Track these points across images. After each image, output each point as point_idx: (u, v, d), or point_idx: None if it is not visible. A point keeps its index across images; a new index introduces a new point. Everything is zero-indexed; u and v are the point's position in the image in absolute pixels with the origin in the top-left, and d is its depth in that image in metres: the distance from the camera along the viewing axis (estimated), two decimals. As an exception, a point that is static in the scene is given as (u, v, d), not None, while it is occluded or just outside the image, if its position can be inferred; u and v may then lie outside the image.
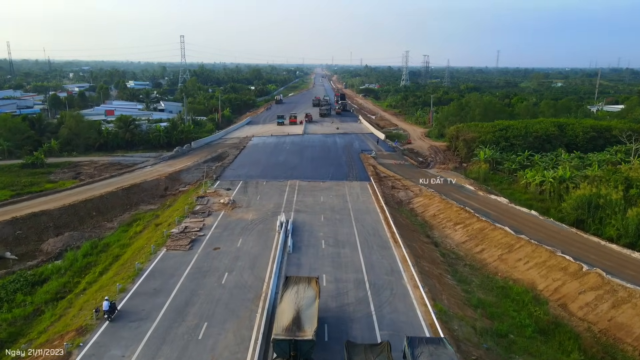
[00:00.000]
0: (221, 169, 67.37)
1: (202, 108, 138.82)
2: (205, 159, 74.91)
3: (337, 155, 77.75)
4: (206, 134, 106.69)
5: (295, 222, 45.37)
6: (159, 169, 68.77)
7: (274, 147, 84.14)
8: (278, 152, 79.07)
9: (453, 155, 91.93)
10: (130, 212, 54.83)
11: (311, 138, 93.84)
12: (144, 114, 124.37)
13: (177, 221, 44.97)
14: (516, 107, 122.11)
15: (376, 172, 67.51)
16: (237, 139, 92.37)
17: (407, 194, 59.01)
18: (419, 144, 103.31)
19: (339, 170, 67.24)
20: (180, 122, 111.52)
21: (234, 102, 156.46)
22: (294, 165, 70.06)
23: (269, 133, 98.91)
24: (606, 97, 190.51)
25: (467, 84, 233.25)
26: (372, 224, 45.64)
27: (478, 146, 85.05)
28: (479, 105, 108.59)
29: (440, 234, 47.82)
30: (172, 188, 61.98)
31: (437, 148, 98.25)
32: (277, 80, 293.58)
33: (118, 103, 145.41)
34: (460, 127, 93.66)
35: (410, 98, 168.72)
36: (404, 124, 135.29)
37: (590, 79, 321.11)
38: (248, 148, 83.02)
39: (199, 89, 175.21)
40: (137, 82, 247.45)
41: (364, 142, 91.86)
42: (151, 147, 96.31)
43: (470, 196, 57.38)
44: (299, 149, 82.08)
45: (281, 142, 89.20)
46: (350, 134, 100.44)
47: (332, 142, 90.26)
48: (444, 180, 65.20)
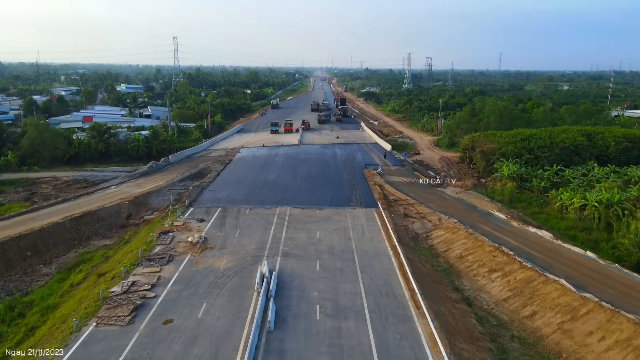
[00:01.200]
0: (198, 190, 55.74)
1: (191, 114, 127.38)
2: (182, 176, 63.31)
3: (337, 172, 66.10)
4: (192, 143, 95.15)
5: (281, 273, 33.78)
6: (124, 189, 57.12)
7: (264, 161, 72.43)
8: (268, 168, 67.37)
9: (468, 168, 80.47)
10: (77, 250, 43.20)
11: (308, 149, 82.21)
12: (126, 121, 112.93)
13: (124, 273, 33.35)
14: (533, 113, 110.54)
15: (384, 193, 55.88)
16: (224, 151, 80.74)
17: (423, 224, 47.36)
18: (428, 154, 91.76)
19: (340, 192, 55.62)
20: (163, 130, 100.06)
21: (226, 107, 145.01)
22: (285, 185, 58.44)
23: (261, 143, 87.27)
24: (618, 100, 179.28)
25: (472, 87, 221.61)
26: (383, 276, 34.02)
27: (498, 159, 73.84)
28: (494, 112, 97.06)
29: (472, 285, 36.17)
30: (137, 216, 50.36)
31: (450, 160, 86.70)
32: (275, 83, 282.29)
33: (101, 108, 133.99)
34: (476, 136, 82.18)
35: (414, 102, 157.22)
36: (409, 130, 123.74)
37: (598, 82, 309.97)
38: (234, 162, 71.33)
39: (190, 93, 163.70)
40: (130, 85, 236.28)
41: (367, 154, 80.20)
42: (129, 159, 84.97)
43: (502, 227, 45.77)
44: (293, 164, 70.42)
45: (273, 154, 77.51)
46: (352, 144, 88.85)
47: (331, 154, 78.62)
48: (465, 203, 53.70)
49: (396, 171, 68.53)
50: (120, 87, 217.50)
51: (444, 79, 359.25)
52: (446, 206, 52.46)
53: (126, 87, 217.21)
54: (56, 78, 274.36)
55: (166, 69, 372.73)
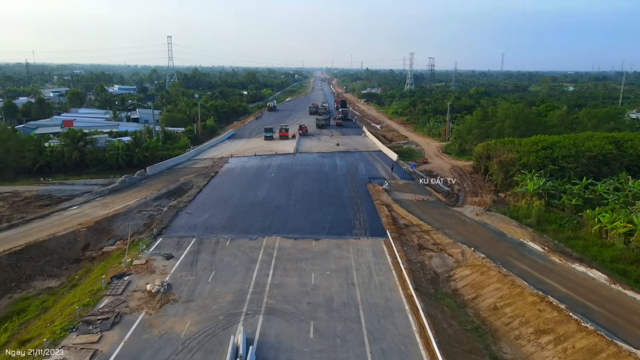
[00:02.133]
0: (173, 212, 46.73)
1: (181, 117, 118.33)
2: (159, 193, 54.29)
3: (338, 187, 57.01)
4: (179, 151, 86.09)
5: (263, 344, 24.79)
6: (87, 211, 48.07)
7: (254, 174, 63.27)
8: (258, 183, 58.24)
9: (484, 180, 71.54)
10: (12, 296, 34.21)
11: (304, 159, 73.14)
12: (109, 125, 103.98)
13: (47, 346, 24.34)
14: (549, 116, 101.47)
15: (392, 216, 46.90)
16: (211, 161, 71.64)
17: (443, 260, 38.34)
18: (437, 163, 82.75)
19: (340, 215, 46.59)
20: (147, 136, 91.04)
21: (220, 109, 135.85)
22: (276, 206, 49.34)
23: (253, 151, 78.14)
24: (629, 102, 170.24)
25: (477, 89, 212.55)
26: (399, 347, 25.05)
27: (519, 170, 65.04)
28: (509, 116, 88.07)
29: (516, 354, 27.17)
30: (95, 246, 41.35)
31: (462, 170, 77.73)
32: (274, 84, 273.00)
33: (85, 111, 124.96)
34: (492, 144, 73.18)
35: (418, 104, 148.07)
36: (414, 135, 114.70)
37: (604, 82, 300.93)
38: (220, 175, 62.21)
39: (182, 95, 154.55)
40: (123, 86, 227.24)
41: (371, 164, 71.12)
42: (107, 170, 76.12)
43: (541, 265, 36.80)
44: (286, 177, 61.34)
45: (265, 165, 68.36)
46: (354, 152, 79.81)
47: (330, 165, 69.54)
48: (489, 229, 44.77)
49: (405, 186, 59.48)
50: (113, 89, 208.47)
51: (446, 79, 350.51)
52: (467, 233, 43.48)
53: (118, 89, 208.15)
54: (49, 79, 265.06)
55: (164, 70, 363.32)
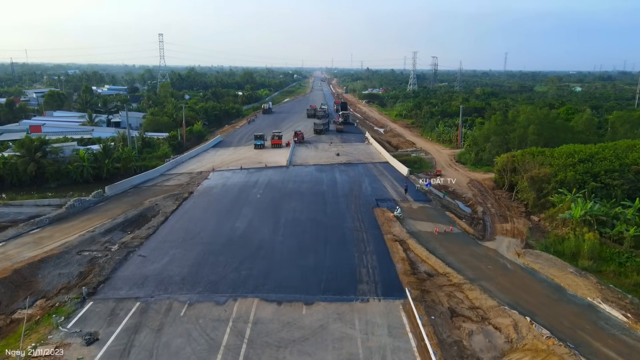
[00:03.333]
0: (122, 254, 35.22)
1: (166, 121, 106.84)
2: (113, 222, 42.77)
3: (338, 214, 45.35)
4: (156, 161, 74.60)
5: None
6: (11, 252, 36.45)
7: (236, 194, 51.48)
8: (240, 209, 46.53)
9: (510, 199, 60.31)
10: None
11: (299, 174, 61.48)
12: (82, 131, 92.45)
13: None
14: (573, 121, 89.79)
15: (410, 259, 35.36)
16: (188, 176, 60.03)
17: (488, 337, 26.73)
18: (452, 175, 71.32)
19: (342, 260, 35.02)
20: (121, 144, 79.53)
21: (210, 112, 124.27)
22: (259, 244, 37.70)
23: (239, 163, 66.50)
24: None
25: (483, 89, 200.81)
26: None
27: (555, 189, 53.95)
28: (533, 121, 76.56)
29: None
30: (7, 308, 29.83)
31: (481, 185, 66.39)
32: (272, 84, 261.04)
33: (61, 114, 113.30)
34: (519, 155, 61.70)
35: (424, 106, 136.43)
36: (422, 141, 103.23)
37: (614, 82, 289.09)
38: (195, 197, 50.52)
39: (171, 96, 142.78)
40: (114, 86, 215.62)
41: (377, 180, 59.46)
42: (71, 184, 65.26)
43: (629, 345, 25.31)
44: (275, 200, 49.64)
45: (251, 182, 56.60)
46: (357, 164, 68.22)
47: (329, 181, 57.81)
48: (539, 278, 33.28)
49: (420, 211, 47.85)
50: (102, 89, 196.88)
51: (448, 79, 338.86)
52: (513, 287, 31.93)
53: (107, 89, 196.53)
54: (39, 79, 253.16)
55: (162, 69, 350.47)
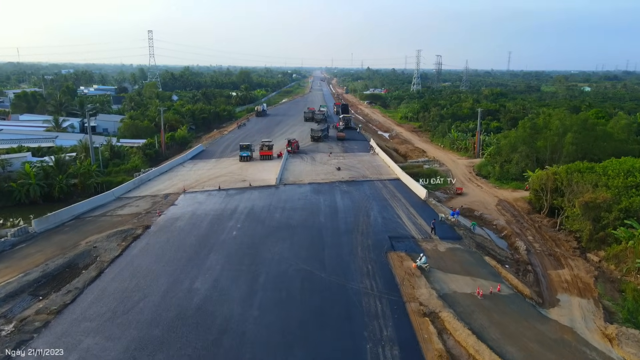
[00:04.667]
0: (14, 344, 22.53)
1: (146, 125, 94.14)
2: (24, 280, 30.01)
3: (339, 265, 32.43)
4: (124, 176, 61.96)
5: None
6: None
7: (205, 231, 38.49)
8: (206, 256, 33.67)
9: (552, 226, 48.02)
10: None
11: (290, 197, 48.56)
12: (47, 137, 79.60)
13: None
14: (608, 126, 76.86)
15: (448, 352, 22.80)
16: (150, 201, 47.09)
17: None
18: (475, 193, 58.85)
19: (346, 355, 22.43)
20: (83, 155, 66.81)
21: (198, 115, 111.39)
22: (222, 324, 24.85)
23: (218, 182, 53.58)
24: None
25: (492, 89, 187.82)
26: None
27: (620, 219, 41.62)
28: (571, 128, 63.85)
29: None
30: None
31: (513, 207, 53.87)
32: (269, 84, 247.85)
33: (28, 118, 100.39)
34: (562, 172, 48.99)
35: (432, 109, 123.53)
36: (432, 148, 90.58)
37: (624, 82, 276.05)
38: (150, 235, 37.61)
39: (156, 97, 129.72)
40: (102, 86, 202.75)
41: (388, 206, 46.49)
42: (15, 206, 53.16)
43: None
44: (256, 239, 36.71)
45: (229, 211, 43.67)
46: (362, 182, 55.35)
47: (328, 208, 44.81)
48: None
49: (450, 256, 35.01)
50: (89, 89, 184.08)
51: (450, 78, 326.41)
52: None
53: (94, 89, 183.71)
54: (27, 78, 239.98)
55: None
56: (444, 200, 55.94)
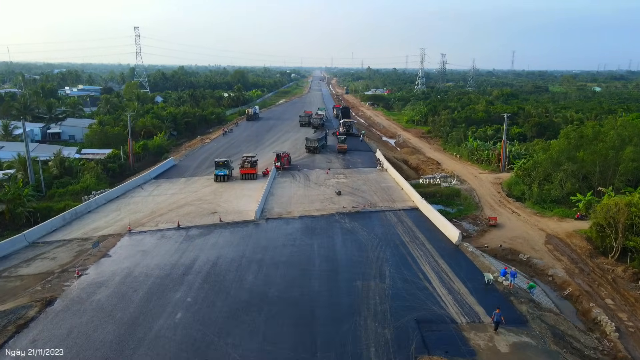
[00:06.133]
0: None
1: (116, 132, 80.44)
2: None
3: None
4: (69, 200, 48.34)
5: None
6: None
7: (136, 311, 24.26)
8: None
9: (630, 277, 34.59)
10: None
11: (272, 242, 34.76)
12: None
13: None
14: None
15: None
16: (76, 247, 33.47)
17: None
18: (512, 224, 45.36)
19: None
20: (21, 173, 53.16)
21: (180, 119, 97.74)
22: None
23: (179, 214, 39.96)
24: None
25: (501, 90, 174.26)
26: None
27: None
28: (633, 140, 50.38)
29: None
30: None
31: (567, 246, 40.50)
32: (265, 84, 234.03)
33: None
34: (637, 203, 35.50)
35: (441, 111, 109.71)
36: (447, 158, 77.14)
37: (636, 82, 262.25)
38: (48, 320, 23.87)
39: (137, 99, 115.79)
40: (88, 87, 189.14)
41: (408, 254, 32.78)
42: None
43: None
44: (211, 330, 22.80)
45: (181, 267, 29.58)
46: (369, 213, 41.62)
47: (325, 261, 31.13)
48: None
49: (516, 357, 21.51)
50: (74, 90, 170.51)
51: (453, 78, 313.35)
52: None
53: (78, 90, 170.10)
54: (10, 78, 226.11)
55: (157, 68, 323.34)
56: (474, 235, 42.64)
